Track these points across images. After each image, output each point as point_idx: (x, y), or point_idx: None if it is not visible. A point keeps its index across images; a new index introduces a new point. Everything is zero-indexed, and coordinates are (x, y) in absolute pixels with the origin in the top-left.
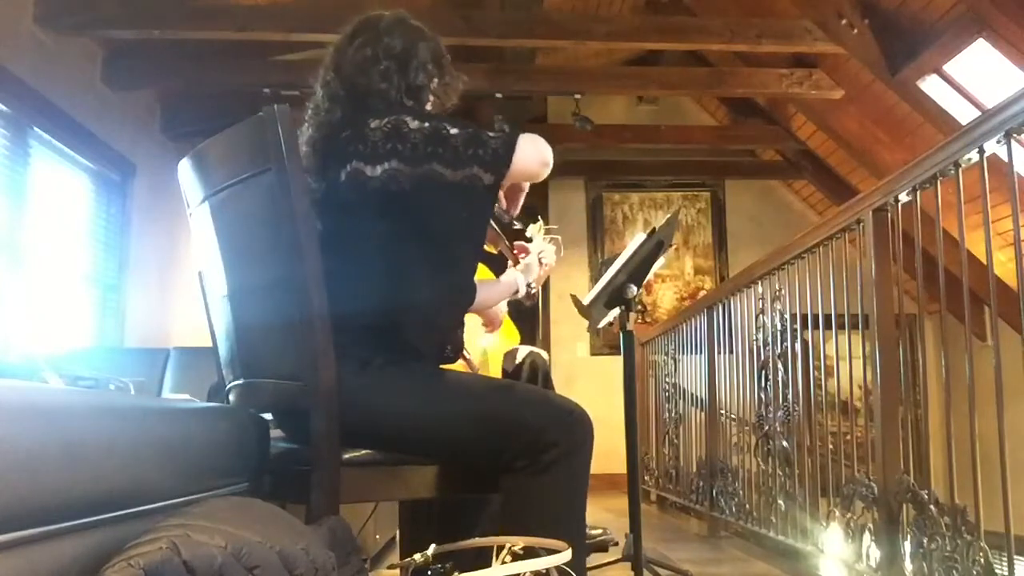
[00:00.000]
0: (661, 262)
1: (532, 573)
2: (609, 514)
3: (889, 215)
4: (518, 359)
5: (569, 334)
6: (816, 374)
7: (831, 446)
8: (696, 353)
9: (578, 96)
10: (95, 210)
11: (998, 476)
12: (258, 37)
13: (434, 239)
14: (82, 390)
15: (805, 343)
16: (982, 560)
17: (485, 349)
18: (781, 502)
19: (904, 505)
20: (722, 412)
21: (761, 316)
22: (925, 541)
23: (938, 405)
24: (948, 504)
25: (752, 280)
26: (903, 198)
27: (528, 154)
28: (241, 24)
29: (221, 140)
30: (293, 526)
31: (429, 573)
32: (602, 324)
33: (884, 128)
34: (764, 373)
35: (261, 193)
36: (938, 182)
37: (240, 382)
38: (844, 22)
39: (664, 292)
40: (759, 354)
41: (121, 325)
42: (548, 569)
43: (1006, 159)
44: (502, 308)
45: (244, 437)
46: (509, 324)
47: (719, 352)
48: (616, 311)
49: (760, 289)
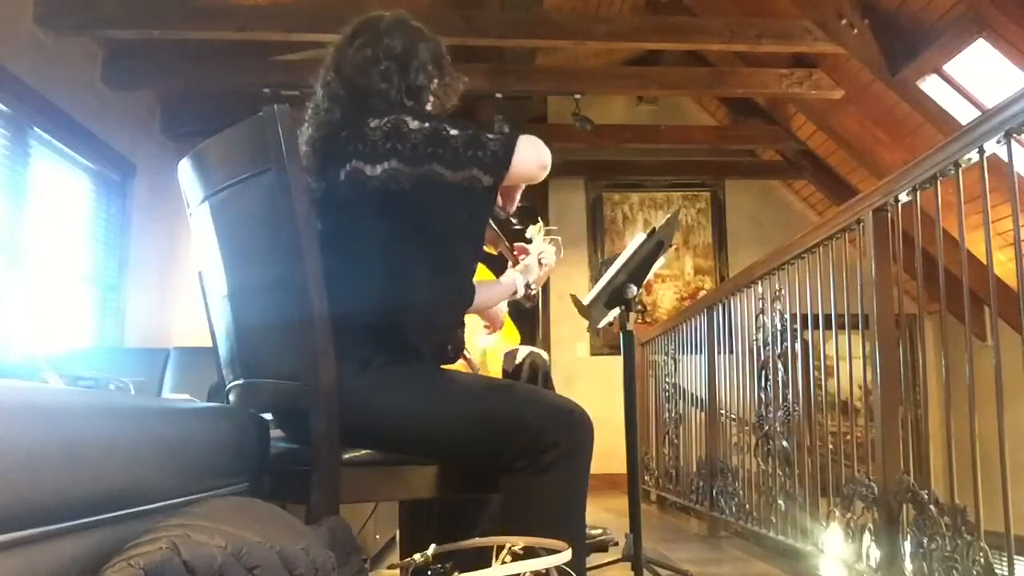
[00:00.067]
0: (661, 262)
1: (532, 573)
2: (609, 514)
3: (889, 215)
4: (518, 359)
5: (569, 334)
6: (816, 374)
7: (831, 446)
8: (696, 353)
9: (578, 96)
10: (95, 210)
11: (998, 476)
12: (258, 37)
13: (434, 239)
14: (82, 390)
15: (805, 343)
16: (982, 560)
17: (485, 349)
18: (781, 502)
19: (904, 505)
20: (722, 412)
21: (761, 316)
22: (925, 541)
23: (938, 405)
24: (948, 504)
25: (752, 280)
26: (903, 198)
27: (527, 157)
28: (241, 24)
29: (221, 140)
30: (293, 526)
31: (429, 573)
32: (602, 324)
33: (884, 128)
34: (764, 373)
35: (261, 193)
36: (938, 182)
37: (240, 382)
38: (844, 22)
39: (664, 292)
40: (759, 354)
41: (121, 325)
42: (548, 569)
43: (1006, 159)
44: (503, 308)
45: (244, 437)
46: (509, 324)
47: (719, 352)
48: (616, 311)
49: (760, 289)
